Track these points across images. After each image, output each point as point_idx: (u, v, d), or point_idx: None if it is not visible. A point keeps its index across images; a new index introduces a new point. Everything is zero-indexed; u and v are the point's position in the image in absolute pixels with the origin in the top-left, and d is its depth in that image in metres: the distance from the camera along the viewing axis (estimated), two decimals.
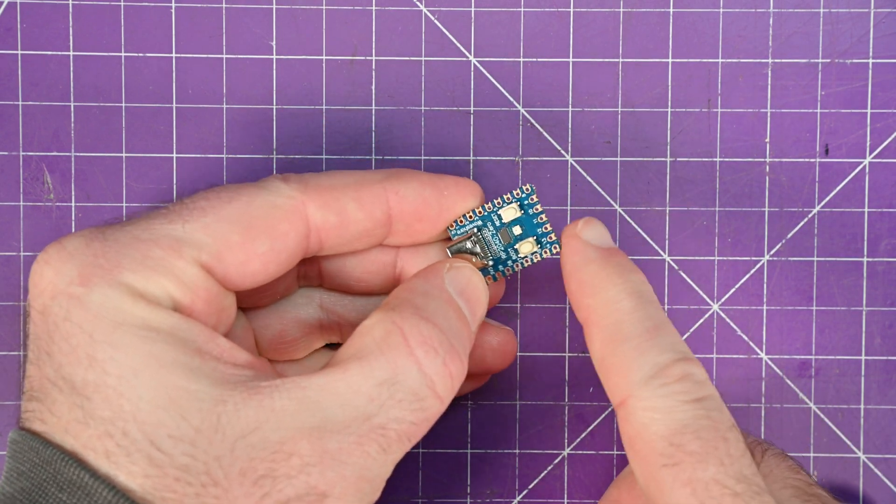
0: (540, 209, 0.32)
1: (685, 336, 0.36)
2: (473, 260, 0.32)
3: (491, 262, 0.32)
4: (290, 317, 0.33)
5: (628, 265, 0.30)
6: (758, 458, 0.31)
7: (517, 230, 0.32)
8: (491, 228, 0.32)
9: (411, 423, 0.27)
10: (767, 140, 0.36)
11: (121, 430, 0.25)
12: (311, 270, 0.32)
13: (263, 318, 0.33)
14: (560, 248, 0.31)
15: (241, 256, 0.28)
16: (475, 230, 0.31)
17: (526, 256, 0.32)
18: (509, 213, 0.32)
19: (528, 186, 0.31)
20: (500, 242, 0.32)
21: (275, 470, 0.25)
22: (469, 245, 0.32)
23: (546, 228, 0.32)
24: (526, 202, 0.32)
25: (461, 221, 0.31)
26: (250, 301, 0.32)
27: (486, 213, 0.32)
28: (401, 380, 0.27)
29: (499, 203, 0.32)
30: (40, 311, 0.26)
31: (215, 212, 0.28)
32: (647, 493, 0.27)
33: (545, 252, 0.32)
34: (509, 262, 0.32)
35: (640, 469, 0.27)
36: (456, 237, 0.32)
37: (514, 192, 0.32)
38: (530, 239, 0.32)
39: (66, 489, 0.25)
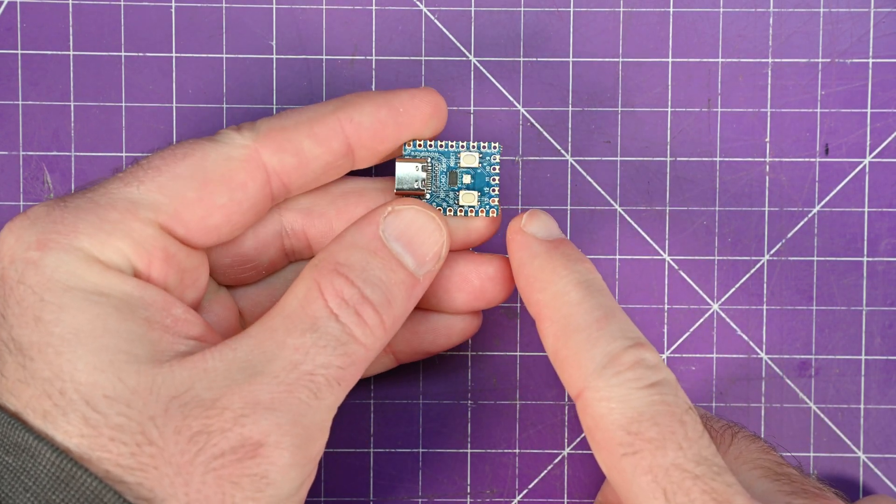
0: (497, 170, 0.32)
1: (685, 336, 0.36)
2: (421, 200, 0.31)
3: (427, 197, 0.32)
4: (281, 293, 0.33)
5: (574, 255, 0.30)
6: (728, 441, 0.31)
7: (467, 179, 0.32)
8: (443, 165, 0.31)
9: (338, 367, 0.27)
10: (767, 140, 0.36)
11: (58, 390, 0.25)
12: (299, 244, 0.32)
13: (253, 295, 0.33)
14: (497, 214, 0.32)
15: (200, 212, 0.28)
16: (429, 159, 0.31)
17: (463, 206, 0.32)
18: (468, 159, 0.31)
19: (495, 145, 0.31)
20: (446, 183, 0.32)
21: (209, 426, 0.25)
22: (417, 180, 0.31)
23: (493, 191, 0.32)
24: (487, 159, 0.31)
25: (420, 145, 0.31)
26: (235, 279, 0.32)
27: (446, 149, 0.31)
28: (321, 328, 0.27)
29: (462, 146, 0.31)
30: (0, 276, 0.27)
31: (170, 170, 0.28)
32: (612, 482, 0.27)
33: (482, 211, 0.32)
34: (443, 205, 0.32)
35: (603, 459, 0.28)
36: (408, 156, 0.31)
37: (482, 145, 0.32)
38: (475, 192, 0.32)
39: (13, 452, 0.25)
